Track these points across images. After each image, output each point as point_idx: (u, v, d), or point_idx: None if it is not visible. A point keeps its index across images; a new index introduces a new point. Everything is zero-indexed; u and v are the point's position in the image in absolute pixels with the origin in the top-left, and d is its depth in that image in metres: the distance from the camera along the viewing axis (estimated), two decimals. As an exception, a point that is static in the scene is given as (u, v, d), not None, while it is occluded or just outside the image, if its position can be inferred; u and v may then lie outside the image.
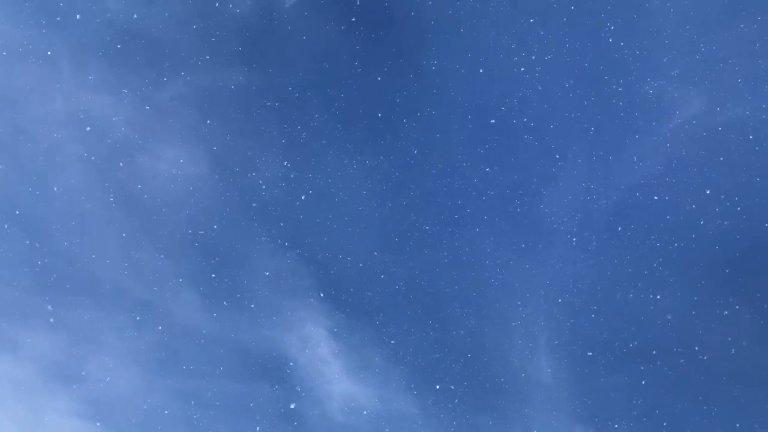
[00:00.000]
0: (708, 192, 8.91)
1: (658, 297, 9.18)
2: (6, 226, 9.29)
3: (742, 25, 8.63)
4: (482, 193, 9.43)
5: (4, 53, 8.95)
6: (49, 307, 9.39)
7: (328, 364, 9.83)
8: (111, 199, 9.38)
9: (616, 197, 9.23)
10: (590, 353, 9.41)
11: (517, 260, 9.48)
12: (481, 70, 9.23)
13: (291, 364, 9.81)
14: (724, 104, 8.75)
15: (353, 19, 9.21)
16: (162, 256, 9.51)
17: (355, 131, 9.44)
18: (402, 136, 9.45)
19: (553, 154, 9.30)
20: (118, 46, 9.07)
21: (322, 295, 9.69)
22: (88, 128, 9.21)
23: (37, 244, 9.39)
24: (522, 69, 9.15)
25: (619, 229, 9.24)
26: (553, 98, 9.18)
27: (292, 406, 9.66)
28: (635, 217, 9.19)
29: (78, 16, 8.95)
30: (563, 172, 9.30)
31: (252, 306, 9.68)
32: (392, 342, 9.72)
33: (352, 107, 9.39)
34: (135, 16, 9.03)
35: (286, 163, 9.44)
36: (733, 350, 9.01)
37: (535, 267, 9.47)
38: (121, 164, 9.33)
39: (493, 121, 9.30)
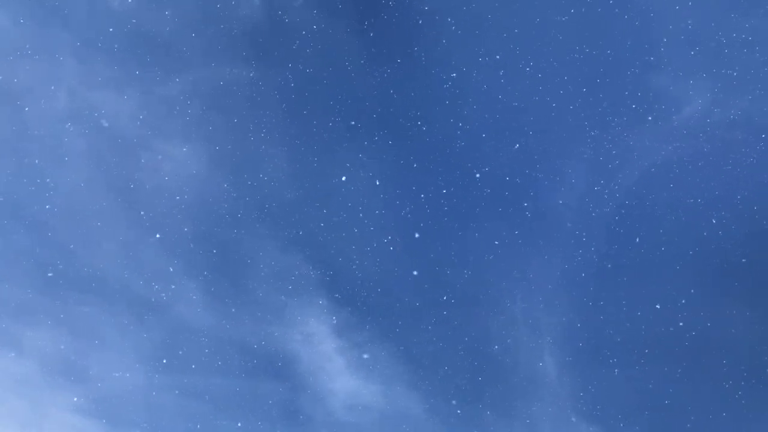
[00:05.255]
0: (713, 189, 8.97)
1: (662, 294, 9.24)
2: (9, 223, 9.27)
3: (746, 21, 8.70)
4: (486, 190, 9.48)
5: (9, 50, 8.91)
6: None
7: (331, 362, 9.85)
8: (115, 196, 9.36)
9: (620, 195, 9.28)
10: (594, 351, 9.48)
11: (521, 258, 9.53)
12: (485, 69, 9.27)
13: (294, 361, 9.84)
14: (729, 100, 8.82)
15: (360, 19, 9.24)
16: (166, 253, 9.50)
17: (361, 130, 9.47)
18: (406, 136, 9.47)
19: (557, 152, 9.35)
20: (124, 43, 9.06)
21: (325, 292, 9.72)
22: (92, 125, 9.20)
23: (39, 241, 9.36)
24: (525, 67, 9.20)
25: (623, 226, 9.30)
26: (556, 96, 9.22)
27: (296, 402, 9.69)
28: (639, 215, 9.25)
29: (82, 13, 8.93)
30: (567, 170, 9.36)
31: (256, 303, 9.70)
32: (396, 339, 9.76)
33: (358, 106, 9.41)
34: (140, 13, 9.01)
35: (290, 161, 9.47)
36: (736, 348, 9.09)
37: (540, 264, 9.52)
38: (125, 161, 9.32)
39: (496, 118, 9.34)
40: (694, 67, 8.90)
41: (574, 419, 9.52)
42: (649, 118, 9.08)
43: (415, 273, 9.61)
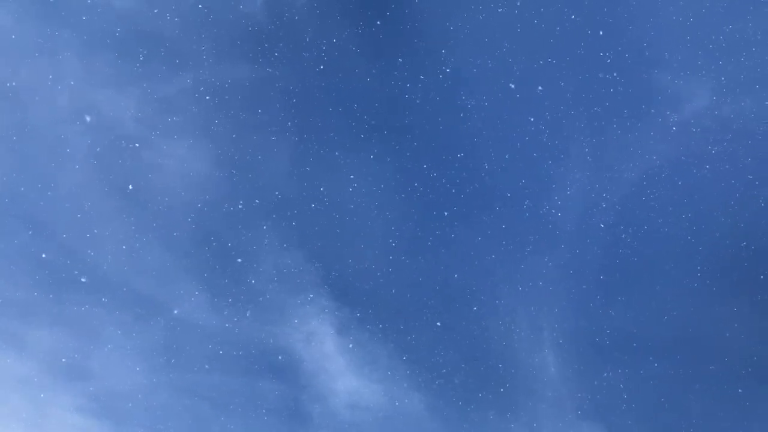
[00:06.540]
0: (712, 188, 8.99)
1: (663, 293, 9.28)
2: (10, 222, 9.26)
3: (746, 21, 8.69)
4: (488, 190, 9.49)
5: (10, 49, 8.90)
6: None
7: (332, 361, 9.87)
8: (116, 196, 9.36)
9: (621, 193, 9.31)
10: (594, 351, 9.51)
11: (522, 257, 9.55)
12: (485, 70, 9.27)
13: (295, 360, 9.86)
14: (730, 98, 8.83)
15: (362, 19, 9.22)
16: (167, 252, 9.50)
17: (362, 131, 9.46)
18: (407, 137, 9.48)
19: (558, 150, 9.36)
20: (125, 42, 9.03)
21: (327, 291, 9.73)
22: (93, 124, 9.18)
23: (40, 242, 9.35)
24: (525, 67, 9.20)
25: (623, 226, 9.32)
26: (556, 96, 9.22)
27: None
28: (640, 213, 9.27)
29: (84, 12, 8.91)
30: (568, 169, 9.37)
31: (257, 302, 9.70)
32: (397, 338, 9.78)
33: (359, 106, 9.40)
34: (142, 12, 8.99)
35: (291, 161, 9.46)
36: (737, 347, 9.12)
37: (540, 263, 9.55)
38: (127, 161, 9.31)
39: (496, 119, 9.35)
40: (694, 67, 8.91)
41: (574, 419, 9.56)
42: (649, 118, 9.10)
43: (417, 272, 9.65)
